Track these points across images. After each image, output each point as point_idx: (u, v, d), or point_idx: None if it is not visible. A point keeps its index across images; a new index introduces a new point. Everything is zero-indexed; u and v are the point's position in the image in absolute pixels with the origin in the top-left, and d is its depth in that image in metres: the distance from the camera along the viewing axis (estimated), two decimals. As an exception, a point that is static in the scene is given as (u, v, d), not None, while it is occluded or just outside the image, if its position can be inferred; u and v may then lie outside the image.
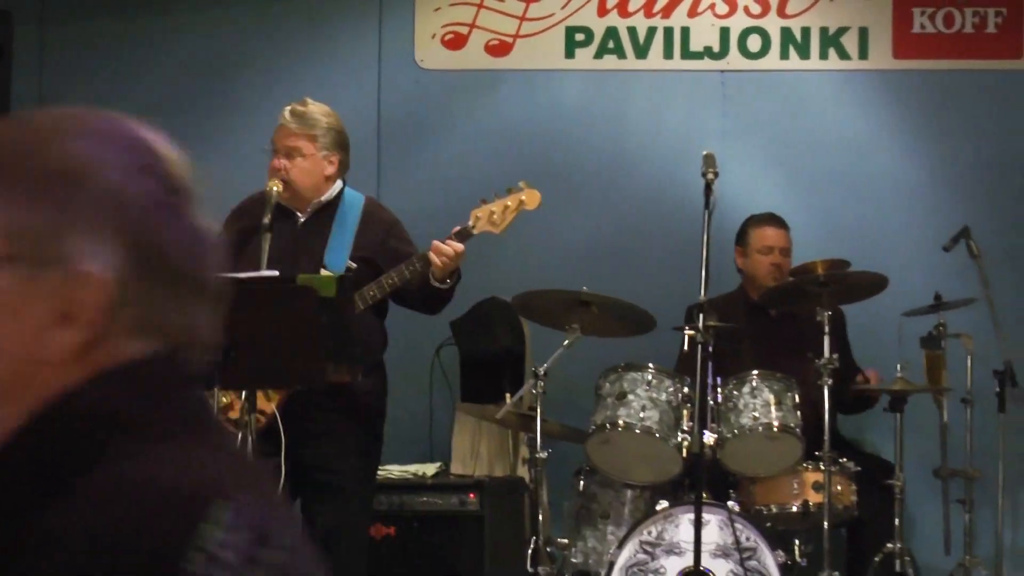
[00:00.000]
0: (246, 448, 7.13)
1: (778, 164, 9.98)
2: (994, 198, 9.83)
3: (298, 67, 9.95)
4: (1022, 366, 9.20)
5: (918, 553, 8.79)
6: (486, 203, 7.62)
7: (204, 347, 2.49)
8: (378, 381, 7.72)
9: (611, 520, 8.36)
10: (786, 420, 8.16)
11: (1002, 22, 9.96)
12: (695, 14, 10.04)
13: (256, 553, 2.31)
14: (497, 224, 7.62)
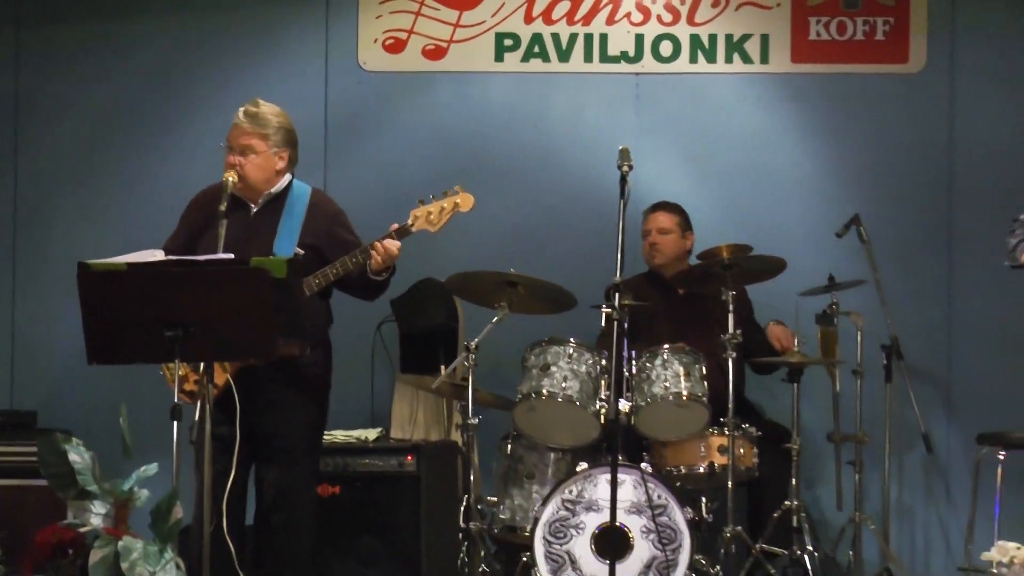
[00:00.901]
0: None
1: (687, 158, 9.99)
2: (882, 189, 9.87)
3: (251, 69, 9.91)
4: (907, 341, 9.27)
5: (813, 510, 8.86)
6: (424, 204, 7.64)
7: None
8: (323, 355, 7.73)
9: (536, 480, 8.37)
10: (694, 390, 8.20)
11: (890, 30, 9.99)
12: (612, 22, 10.05)
13: None
14: (434, 224, 7.64)
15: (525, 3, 10.07)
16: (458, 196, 7.67)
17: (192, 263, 6.99)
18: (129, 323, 6.82)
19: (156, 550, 6.34)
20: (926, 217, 9.88)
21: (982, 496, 8.76)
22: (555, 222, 9.86)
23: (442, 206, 7.64)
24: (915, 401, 9.23)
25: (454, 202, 7.65)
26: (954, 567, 9.42)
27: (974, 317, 9.80)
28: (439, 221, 7.65)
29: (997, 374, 9.68)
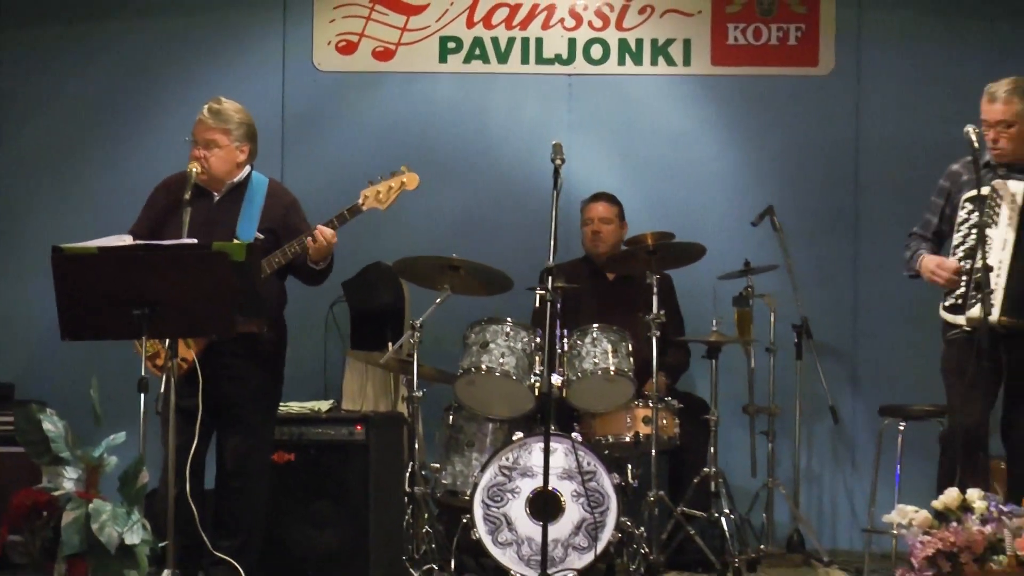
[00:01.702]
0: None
1: (615, 153, 10.00)
2: (794, 182, 9.90)
3: (214, 68, 9.88)
4: (816, 321, 9.31)
5: (729, 476, 8.86)
6: (373, 184, 7.65)
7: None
8: (280, 332, 7.72)
9: (475, 448, 8.39)
10: (621, 365, 8.22)
11: (801, 36, 10.02)
12: (547, 27, 10.05)
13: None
14: (383, 202, 7.65)
15: (467, 9, 10.06)
16: (404, 176, 7.69)
17: (158, 247, 6.97)
18: (99, 302, 6.79)
19: (124, 512, 6.32)
20: (834, 207, 9.92)
21: (884, 463, 8.80)
22: (494, 211, 9.87)
23: (390, 185, 7.66)
24: (823, 376, 9.26)
25: (401, 181, 7.67)
26: (858, 528, 9.46)
27: (877, 299, 9.84)
28: (387, 199, 7.66)
29: (898, 351, 9.73)
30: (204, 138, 7.55)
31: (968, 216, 7.35)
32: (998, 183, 7.31)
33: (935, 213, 7.69)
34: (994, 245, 7.24)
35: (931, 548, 5.99)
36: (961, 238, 7.35)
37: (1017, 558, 5.94)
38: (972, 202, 7.35)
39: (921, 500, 6.33)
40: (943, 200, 7.67)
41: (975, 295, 7.18)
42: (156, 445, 7.08)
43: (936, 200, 7.71)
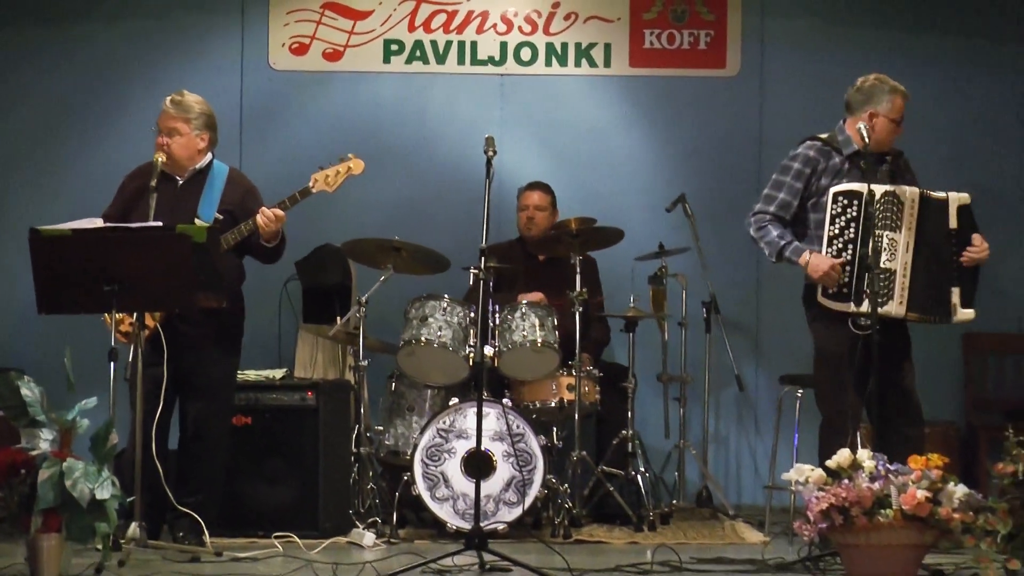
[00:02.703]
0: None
1: (543, 146, 10.00)
2: (704, 173, 9.92)
3: (178, 67, 9.81)
4: (723, 297, 9.33)
5: (645, 437, 8.89)
6: (322, 169, 7.68)
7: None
8: (237, 306, 7.70)
9: (415, 412, 8.38)
10: (547, 338, 8.21)
11: (711, 41, 10.04)
12: (481, 31, 10.04)
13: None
14: (331, 185, 7.68)
15: (409, 14, 10.04)
16: (351, 161, 7.74)
17: (127, 229, 6.98)
18: (73, 279, 6.78)
19: (95, 470, 6.29)
20: (739, 196, 9.87)
21: (784, 427, 8.82)
22: (433, 197, 9.86)
23: (337, 170, 7.70)
24: (729, 348, 9.30)
25: (347, 166, 7.71)
26: (760, 485, 9.50)
27: (778, 278, 9.79)
28: (335, 183, 7.70)
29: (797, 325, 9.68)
30: (167, 126, 7.58)
31: (843, 211, 7.24)
32: (895, 189, 7.28)
33: (795, 196, 7.50)
34: (898, 248, 7.24)
35: (825, 503, 6.02)
36: (838, 231, 7.25)
37: (902, 512, 5.98)
38: (846, 197, 7.26)
39: (816, 460, 6.37)
40: (803, 184, 7.49)
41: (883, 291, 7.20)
42: (124, 409, 7.08)
43: (795, 184, 7.50)
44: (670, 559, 6.82)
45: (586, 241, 8.59)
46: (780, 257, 7.44)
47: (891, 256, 7.20)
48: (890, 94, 7.52)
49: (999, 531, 5.91)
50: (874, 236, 7.14)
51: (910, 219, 7.24)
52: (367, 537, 7.59)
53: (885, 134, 7.49)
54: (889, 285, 7.20)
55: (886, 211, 7.21)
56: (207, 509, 7.43)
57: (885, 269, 7.19)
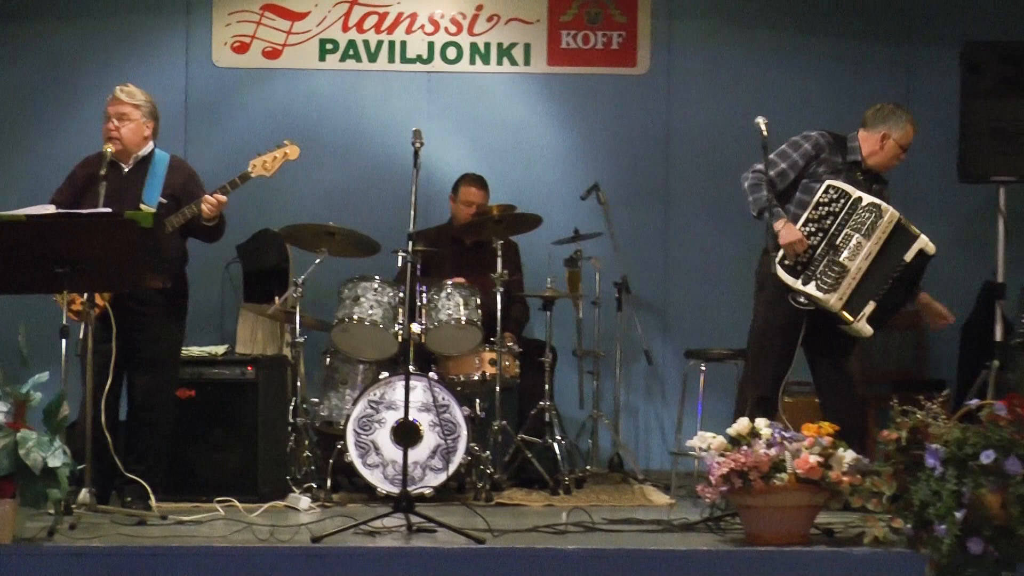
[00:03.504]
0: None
1: (467, 138, 9.98)
2: (616, 163, 9.94)
3: (127, 64, 9.70)
4: (634, 278, 9.37)
5: (561, 408, 8.88)
6: (260, 155, 7.68)
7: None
8: (181, 286, 7.69)
9: (348, 385, 8.37)
10: (471, 316, 8.22)
11: (623, 41, 10.05)
12: (410, 31, 10.02)
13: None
14: (268, 169, 7.69)
15: (343, 16, 10.00)
16: (287, 147, 7.77)
17: (78, 215, 6.95)
18: (27, 261, 6.73)
19: (47, 440, 6.25)
20: (649, 184, 9.97)
21: (688, 398, 8.87)
22: (365, 185, 9.82)
23: (274, 155, 7.73)
24: (639, 325, 9.34)
25: (284, 152, 7.74)
26: (667, 452, 9.53)
27: (684, 261, 9.92)
28: (272, 167, 7.71)
29: (702, 304, 9.82)
30: (117, 111, 7.58)
31: (828, 202, 7.37)
32: (881, 204, 7.37)
33: (794, 170, 7.60)
34: (861, 252, 7.32)
35: (726, 467, 6.05)
36: (818, 216, 7.34)
37: (796, 475, 6.02)
38: (836, 192, 7.40)
39: (718, 428, 6.39)
40: (804, 163, 7.60)
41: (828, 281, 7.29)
42: (75, 384, 7.02)
43: (798, 160, 7.61)
44: (584, 520, 6.83)
45: (507, 227, 8.59)
46: (761, 214, 7.47)
47: (852, 256, 7.30)
48: (906, 124, 7.68)
49: (884, 492, 5.95)
50: (845, 234, 7.27)
51: (880, 234, 7.35)
52: (303, 501, 7.57)
53: (891, 157, 7.68)
54: (838, 279, 7.28)
55: (865, 218, 7.32)
56: (153, 476, 7.39)
57: (843, 265, 7.28)
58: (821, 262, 7.31)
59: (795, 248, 7.31)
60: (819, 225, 7.37)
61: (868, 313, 7.33)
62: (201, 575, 6.13)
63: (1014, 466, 5.69)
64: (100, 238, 6.77)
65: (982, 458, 5.70)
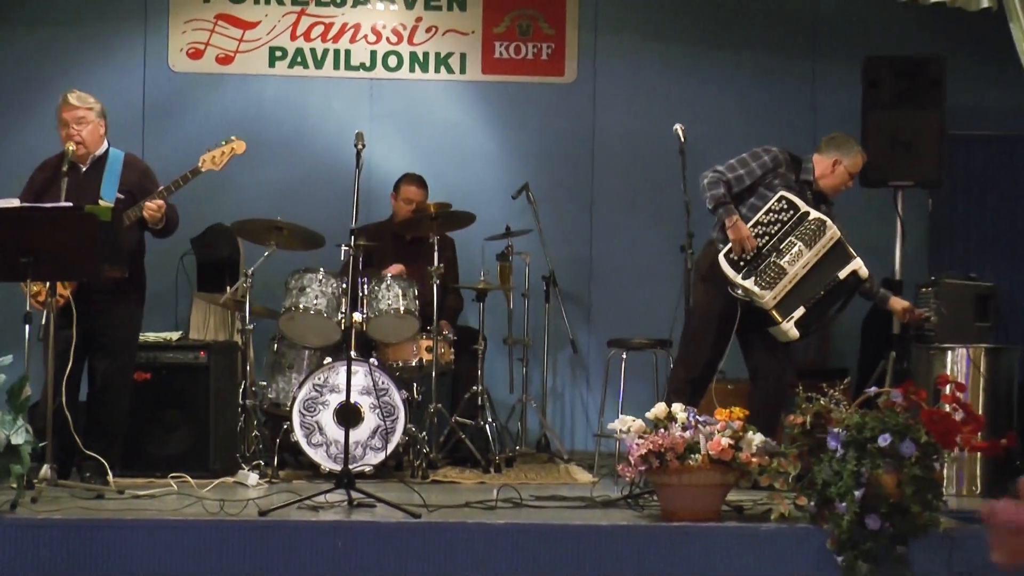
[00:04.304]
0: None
1: (406, 141, 9.96)
2: (545, 165, 9.94)
3: (87, 69, 9.60)
4: (560, 272, 9.39)
5: (493, 392, 8.88)
6: (210, 150, 7.68)
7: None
8: (139, 276, 7.65)
9: (294, 370, 8.34)
10: (409, 306, 8.20)
11: (551, 52, 10.06)
12: (354, 41, 9.98)
13: None
14: (217, 164, 7.70)
15: (291, 25, 9.96)
16: (235, 143, 7.76)
17: (42, 209, 6.94)
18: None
19: (11, 419, 6.21)
20: (575, 185, 9.99)
21: (611, 383, 8.88)
22: (311, 183, 9.77)
23: (223, 150, 7.72)
24: (565, 315, 9.36)
25: (232, 147, 7.74)
26: (591, 434, 9.56)
27: (607, 257, 9.94)
28: (221, 161, 7.70)
29: (623, 297, 9.84)
30: (75, 116, 7.52)
31: (779, 210, 7.48)
32: (827, 220, 7.47)
33: (750, 177, 7.62)
34: (800, 259, 7.41)
35: (644, 448, 6.07)
36: (767, 221, 7.46)
37: (709, 456, 6.05)
38: (789, 204, 7.50)
39: (637, 412, 6.41)
40: (761, 173, 7.64)
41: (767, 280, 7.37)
42: (38, 366, 6.95)
43: (756, 169, 7.64)
44: (513, 497, 6.83)
45: (444, 223, 8.57)
46: (716, 209, 7.55)
47: (792, 262, 7.41)
48: (856, 154, 7.78)
49: (790, 472, 6.01)
50: (789, 241, 7.36)
51: (821, 247, 7.46)
52: (251, 477, 7.53)
53: (840, 181, 7.76)
54: (776, 279, 7.38)
55: (810, 230, 7.43)
56: (111, 453, 7.34)
57: (781, 268, 7.39)
58: (763, 262, 7.42)
59: (744, 244, 7.40)
60: (767, 229, 7.48)
61: (797, 317, 7.39)
62: (155, 546, 6.10)
63: (908, 449, 5.77)
64: (62, 230, 6.74)
65: (880, 441, 5.78)
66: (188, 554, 6.10)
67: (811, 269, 7.46)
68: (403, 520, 6.30)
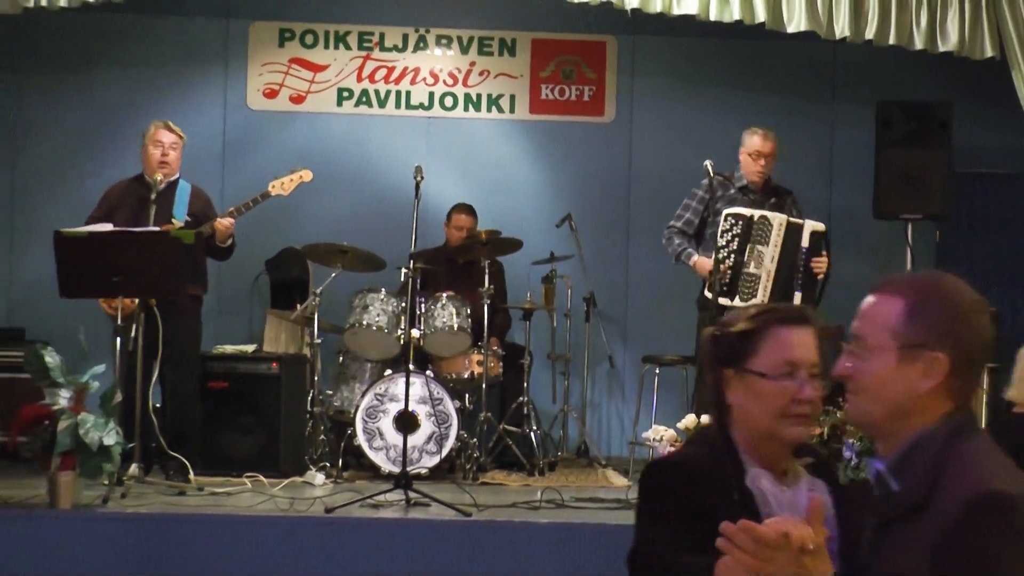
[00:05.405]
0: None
1: (460, 174, 9.95)
2: (585, 197, 9.93)
3: (174, 106, 9.59)
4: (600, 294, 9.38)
5: (537, 402, 8.87)
6: (279, 177, 7.79)
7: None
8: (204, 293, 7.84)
9: (358, 380, 8.35)
10: (462, 324, 8.21)
11: (592, 94, 10.06)
12: (414, 83, 10.01)
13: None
14: (286, 190, 7.87)
15: (357, 68, 10.01)
16: (302, 171, 7.99)
17: (132, 233, 7.00)
18: (88, 271, 6.74)
19: (103, 422, 6.27)
20: (613, 215, 9.98)
21: (644, 396, 8.88)
22: (373, 211, 9.76)
23: (291, 178, 7.92)
24: (603, 333, 9.33)
25: (299, 175, 7.93)
26: (626, 441, 9.53)
27: (641, 280, 9.92)
28: (289, 188, 7.90)
29: (657, 317, 9.81)
30: (171, 141, 7.73)
31: (731, 228, 7.56)
32: (769, 215, 7.52)
33: (697, 216, 7.93)
34: (764, 258, 7.44)
35: (675, 455, 6.06)
36: (726, 243, 7.55)
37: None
38: (735, 218, 7.60)
39: (669, 422, 6.41)
40: (703, 207, 7.91)
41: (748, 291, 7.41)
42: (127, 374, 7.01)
43: (696, 207, 7.94)
44: (555, 498, 6.84)
45: (493, 248, 8.59)
46: (678, 260, 7.89)
47: (758, 265, 7.45)
48: (750, 136, 8.08)
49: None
50: (748, 248, 7.39)
51: (777, 237, 7.50)
52: (318, 478, 7.56)
53: (750, 165, 7.99)
54: (755, 286, 7.41)
55: (760, 230, 7.47)
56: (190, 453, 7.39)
57: (753, 274, 7.41)
58: (738, 278, 7.47)
59: (710, 276, 7.49)
60: (729, 249, 7.59)
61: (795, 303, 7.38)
62: (231, 539, 6.15)
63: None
64: (150, 252, 6.79)
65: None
66: (260, 546, 6.14)
67: (780, 260, 7.51)
68: (455, 518, 6.32)
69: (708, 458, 3.04)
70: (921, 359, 2.55)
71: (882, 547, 2.54)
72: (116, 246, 6.78)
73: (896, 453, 2.56)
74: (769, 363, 3.04)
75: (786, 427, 3.03)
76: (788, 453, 3.10)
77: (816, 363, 3.06)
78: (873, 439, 2.74)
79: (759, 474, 3.03)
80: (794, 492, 3.05)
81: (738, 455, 3.05)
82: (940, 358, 2.55)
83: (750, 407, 3.05)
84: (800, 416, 3.03)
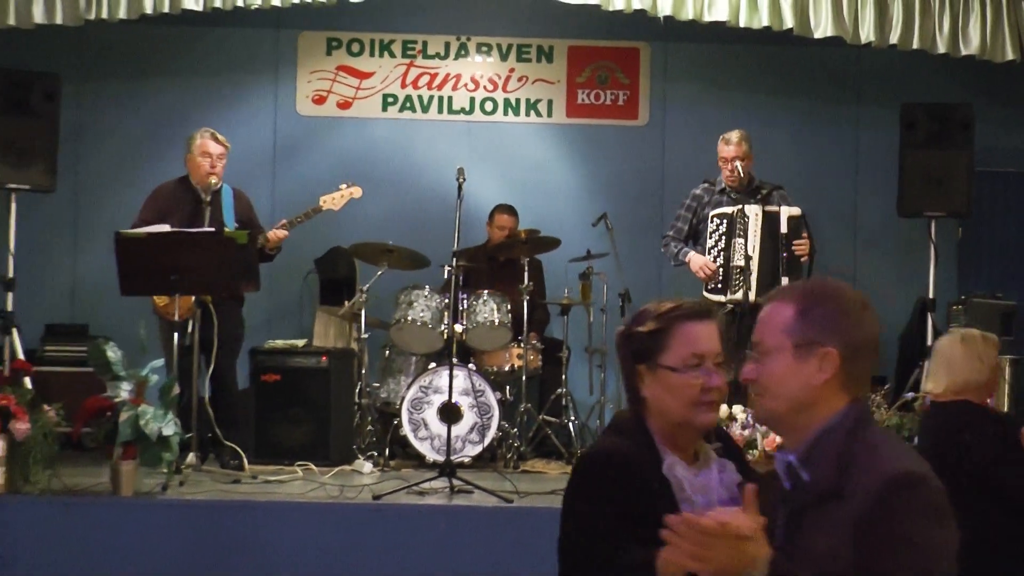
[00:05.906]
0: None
1: (500, 175, 9.95)
2: (621, 196, 9.91)
3: (226, 113, 9.67)
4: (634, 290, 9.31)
5: (574, 394, 8.85)
6: (330, 193, 7.80)
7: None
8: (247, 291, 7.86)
9: (403, 373, 8.38)
10: (503, 319, 8.22)
11: (627, 98, 10.05)
12: (456, 89, 10.02)
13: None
14: (336, 204, 7.85)
15: (401, 75, 10.02)
16: (353, 188, 7.97)
17: (188, 233, 7.02)
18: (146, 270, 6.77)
19: (162, 413, 6.30)
20: (646, 213, 9.94)
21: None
22: (418, 212, 9.76)
23: (342, 194, 7.92)
24: (638, 328, 9.29)
25: (350, 192, 7.95)
26: (659, 430, 9.49)
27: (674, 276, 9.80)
28: (339, 203, 7.92)
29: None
30: (220, 152, 7.74)
31: (717, 228, 7.76)
32: (747, 207, 7.59)
33: (686, 223, 8.17)
34: (747, 248, 7.46)
35: (707, 444, 6.06)
36: (714, 242, 7.66)
37: (765, 452, 6.01)
38: (719, 218, 7.77)
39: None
40: (691, 215, 8.14)
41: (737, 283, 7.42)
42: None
43: (685, 214, 8.18)
44: (592, 484, 6.83)
45: (532, 247, 8.60)
46: (676, 261, 8.02)
47: (743, 256, 7.54)
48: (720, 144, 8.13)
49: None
50: (733, 243, 7.44)
51: (755, 229, 7.56)
52: (366, 466, 7.59)
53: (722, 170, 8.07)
54: (741, 277, 7.43)
55: (739, 224, 7.49)
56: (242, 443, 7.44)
57: (739, 267, 7.42)
58: (728, 273, 7.54)
59: (705, 271, 7.70)
60: (717, 247, 7.74)
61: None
62: (283, 524, 6.17)
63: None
64: (206, 252, 6.82)
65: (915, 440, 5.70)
66: (311, 531, 6.16)
67: (762, 249, 7.53)
68: (497, 504, 6.32)
69: (631, 448, 3.15)
70: (815, 355, 2.67)
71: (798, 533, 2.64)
72: (173, 246, 6.82)
73: (804, 445, 2.67)
74: (678, 357, 3.15)
75: (698, 415, 3.16)
76: (699, 438, 3.24)
77: (720, 352, 3.18)
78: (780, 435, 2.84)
79: (674, 462, 3.15)
80: (705, 475, 3.18)
81: (655, 445, 3.17)
82: (831, 352, 2.66)
83: (664, 399, 3.17)
84: (709, 403, 3.16)
